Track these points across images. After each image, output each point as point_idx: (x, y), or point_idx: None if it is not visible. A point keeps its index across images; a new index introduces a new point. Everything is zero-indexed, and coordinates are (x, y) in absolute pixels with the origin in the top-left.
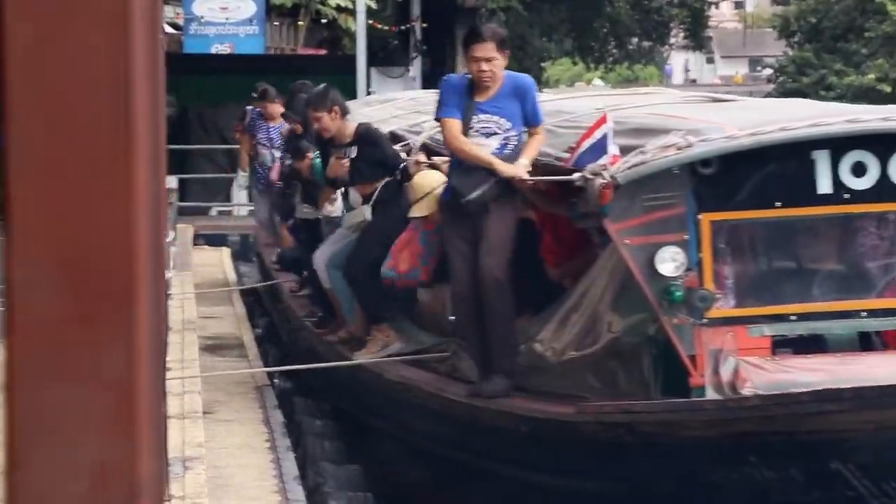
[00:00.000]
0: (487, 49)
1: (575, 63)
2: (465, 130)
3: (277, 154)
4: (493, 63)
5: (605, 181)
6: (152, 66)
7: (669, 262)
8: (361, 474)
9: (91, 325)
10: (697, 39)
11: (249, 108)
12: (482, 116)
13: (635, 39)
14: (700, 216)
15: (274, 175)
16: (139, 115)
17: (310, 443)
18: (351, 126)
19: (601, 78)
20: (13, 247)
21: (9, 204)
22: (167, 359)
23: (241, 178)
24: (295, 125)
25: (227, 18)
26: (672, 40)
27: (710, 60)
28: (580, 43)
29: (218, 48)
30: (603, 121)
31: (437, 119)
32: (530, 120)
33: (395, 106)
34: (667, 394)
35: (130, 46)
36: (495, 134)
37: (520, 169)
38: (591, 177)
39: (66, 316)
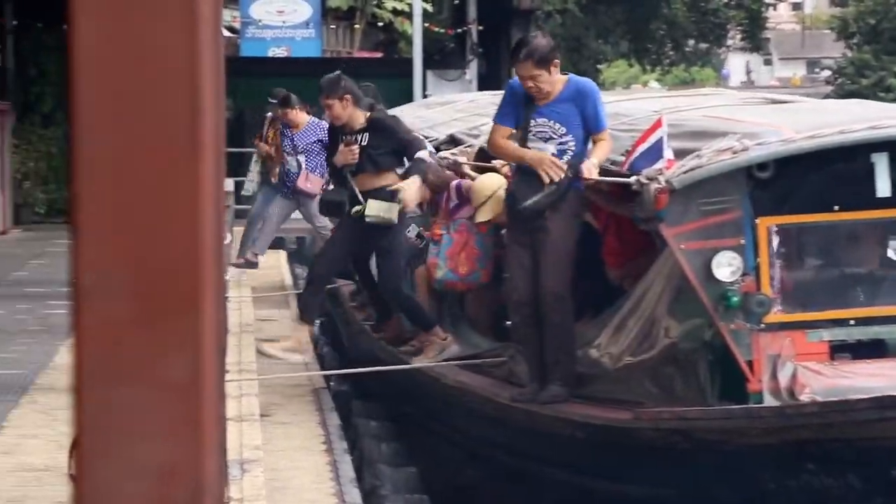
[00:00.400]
0: (527, 67)
1: (631, 65)
2: (525, 135)
3: (303, 160)
4: (537, 79)
5: (660, 186)
6: (216, 68)
7: (726, 266)
8: (418, 477)
9: (157, 328)
10: (755, 41)
11: (269, 115)
12: (539, 121)
13: (692, 41)
14: (757, 220)
15: (301, 182)
16: (206, 117)
17: (366, 445)
18: (362, 114)
19: (657, 80)
20: (80, 251)
21: (76, 208)
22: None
23: (249, 184)
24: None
25: (283, 22)
26: (729, 42)
27: (768, 62)
28: (636, 45)
29: (275, 51)
30: (658, 125)
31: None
32: (591, 125)
33: (455, 108)
34: (724, 400)
35: (198, 47)
36: (551, 139)
37: (588, 168)
38: (646, 181)
39: (133, 319)
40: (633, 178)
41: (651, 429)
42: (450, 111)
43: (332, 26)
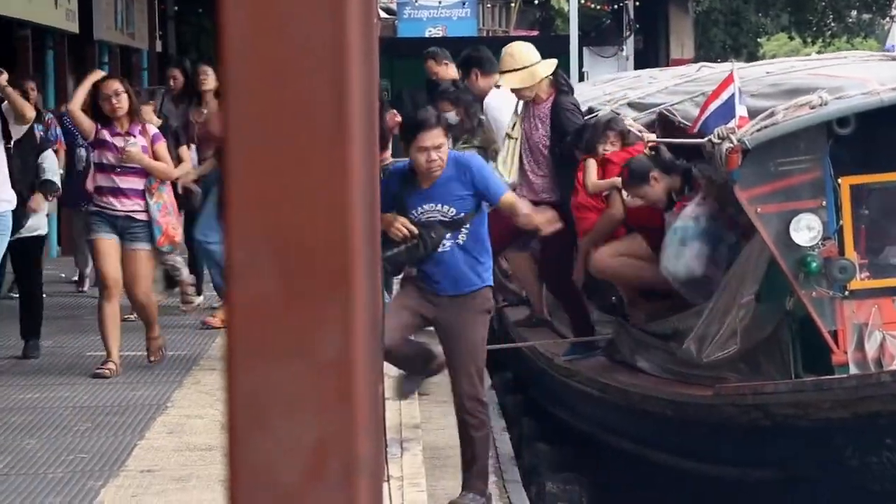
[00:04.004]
0: (437, 136)
1: (791, 38)
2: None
3: None
4: (441, 149)
5: (732, 145)
6: (367, 50)
7: (805, 230)
8: (574, 454)
9: (308, 305)
10: None
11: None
12: (426, 206)
13: (854, 11)
14: (839, 180)
15: None
16: (354, 98)
17: (525, 423)
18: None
19: (819, 53)
20: (232, 229)
21: (228, 186)
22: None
23: None
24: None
25: (439, 2)
26: (894, 12)
27: None
28: (797, 17)
29: (431, 31)
30: (730, 81)
31: None
32: (490, 198)
33: (615, 84)
34: (808, 372)
35: (345, 29)
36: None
37: (548, 220)
38: (717, 141)
39: (284, 295)
40: (705, 139)
41: (730, 405)
42: (609, 86)
43: (487, 5)
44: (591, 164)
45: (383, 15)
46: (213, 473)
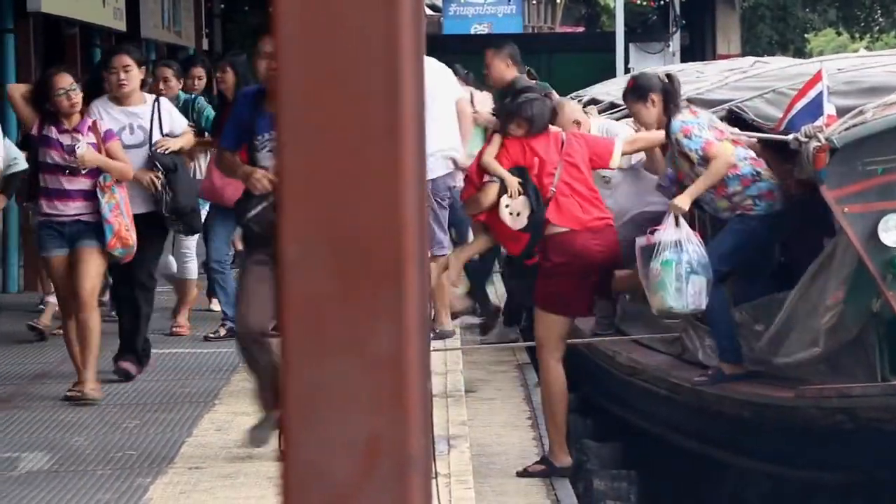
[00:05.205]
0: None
1: (839, 33)
2: (252, 153)
3: None
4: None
5: (819, 144)
6: (416, 46)
7: (893, 230)
8: (623, 451)
9: (360, 302)
10: None
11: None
12: (270, 134)
13: None
14: None
15: None
16: (406, 94)
17: (571, 420)
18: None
19: (866, 48)
20: (285, 224)
21: (280, 182)
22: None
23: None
24: None
25: None
26: None
27: None
28: (844, 13)
29: (476, 28)
30: (818, 78)
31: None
32: None
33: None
34: (894, 375)
35: (398, 25)
36: None
37: None
38: (805, 139)
39: (337, 293)
40: (790, 137)
41: (813, 407)
42: None
43: (533, 2)
44: (496, 141)
45: (428, 12)
46: (260, 470)
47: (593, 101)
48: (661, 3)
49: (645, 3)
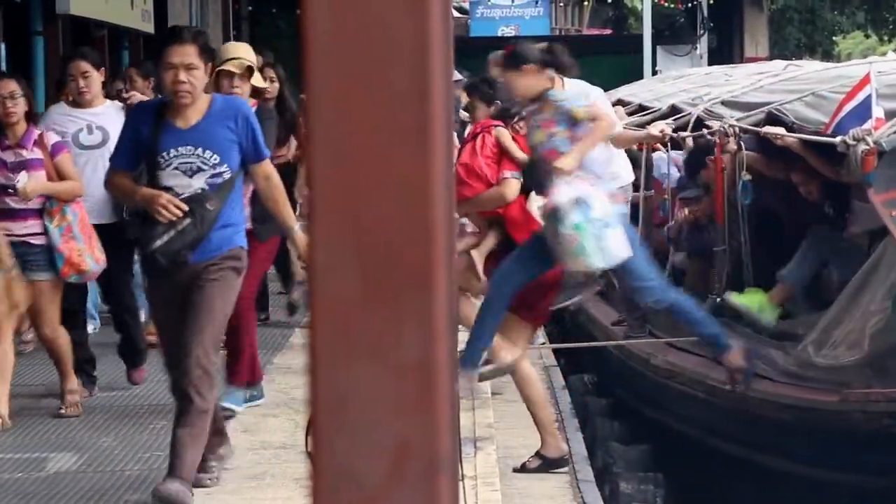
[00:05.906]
0: (186, 52)
1: (868, 36)
2: (153, 170)
3: None
4: (192, 72)
5: (868, 147)
6: (445, 49)
7: None
8: (651, 454)
9: (389, 306)
10: None
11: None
12: (183, 149)
13: None
14: None
15: None
16: (435, 97)
17: (598, 423)
18: None
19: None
20: (315, 229)
21: (310, 186)
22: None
23: None
24: None
25: (512, 1)
26: None
27: None
28: (873, 15)
29: (504, 30)
30: (866, 81)
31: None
32: (251, 155)
33: (688, 81)
34: None
35: (427, 28)
36: (200, 170)
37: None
38: (853, 142)
39: (366, 297)
40: (838, 139)
41: (859, 411)
42: (681, 83)
43: (560, 4)
44: (506, 133)
45: (455, 14)
46: (287, 472)
47: (620, 103)
48: (689, 5)
49: (672, 6)
